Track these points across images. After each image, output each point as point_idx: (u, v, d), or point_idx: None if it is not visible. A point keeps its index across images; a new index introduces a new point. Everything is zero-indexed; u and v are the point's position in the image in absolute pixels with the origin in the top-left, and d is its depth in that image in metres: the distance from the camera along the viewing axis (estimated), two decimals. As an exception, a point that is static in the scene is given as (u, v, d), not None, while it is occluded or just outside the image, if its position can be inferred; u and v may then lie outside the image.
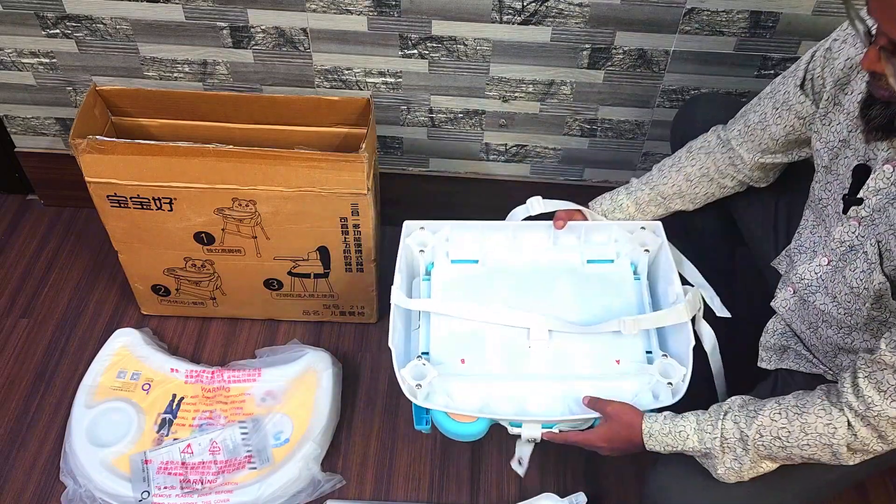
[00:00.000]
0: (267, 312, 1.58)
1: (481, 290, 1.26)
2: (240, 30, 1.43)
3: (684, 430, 1.02)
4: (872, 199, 0.93)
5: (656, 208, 1.27)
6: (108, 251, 1.48)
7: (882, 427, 0.90)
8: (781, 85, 1.10)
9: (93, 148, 1.27)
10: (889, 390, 0.88)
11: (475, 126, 1.57)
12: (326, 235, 1.39)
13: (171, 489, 1.32)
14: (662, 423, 1.04)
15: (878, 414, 0.89)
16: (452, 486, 1.38)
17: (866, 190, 0.94)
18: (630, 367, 1.17)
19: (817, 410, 0.93)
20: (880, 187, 0.92)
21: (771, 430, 0.95)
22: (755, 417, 0.97)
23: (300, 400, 1.41)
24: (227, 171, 1.29)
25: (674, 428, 1.03)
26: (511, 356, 1.19)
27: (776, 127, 1.11)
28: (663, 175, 1.24)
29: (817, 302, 1.04)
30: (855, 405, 0.91)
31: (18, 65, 1.52)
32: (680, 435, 1.02)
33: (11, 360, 1.53)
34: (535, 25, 1.38)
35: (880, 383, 0.88)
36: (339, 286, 1.51)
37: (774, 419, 0.96)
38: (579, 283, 1.27)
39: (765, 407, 0.97)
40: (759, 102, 1.14)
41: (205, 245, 1.41)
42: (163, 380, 1.45)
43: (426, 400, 1.13)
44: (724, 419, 0.99)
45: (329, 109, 1.40)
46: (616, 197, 1.28)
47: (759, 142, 1.14)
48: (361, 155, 1.27)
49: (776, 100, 1.10)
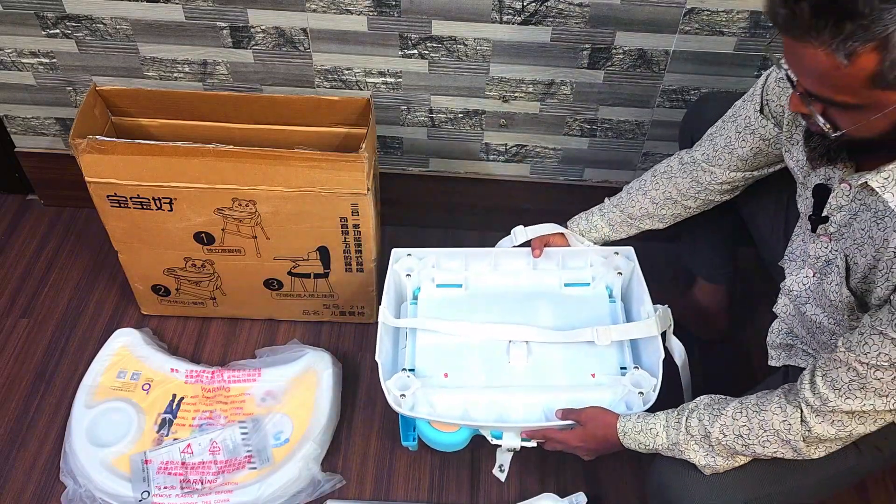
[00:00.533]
0: (267, 312, 1.58)
1: (465, 312, 1.34)
2: (240, 30, 1.43)
3: (654, 427, 1.07)
4: (837, 216, 0.97)
5: (628, 228, 1.32)
6: (108, 251, 1.48)
7: (838, 419, 0.93)
8: (742, 109, 1.14)
9: (93, 148, 1.27)
10: (843, 388, 0.91)
11: (475, 126, 1.57)
12: (326, 235, 1.39)
13: (171, 489, 1.31)
14: (635, 422, 1.10)
15: (833, 409, 0.92)
16: (452, 486, 1.38)
17: (829, 208, 0.97)
18: (604, 379, 1.24)
19: (774, 408, 0.97)
20: (841, 204, 0.95)
21: (733, 429, 0.99)
22: (718, 416, 1.01)
23: (300, 400, 1.41)
24: (227, 171, 1.29)
25: (645, 426, 1.08)
26: (492, 370, 1.27)
27: (742, 150, 1.15)
28: (631, 198, 1.29)
29: (808, 312, 1.07)
30: (811, 401, 0.94)
31: (18, 65, 1.52)
32: (651, 432, 1.07)
33: (11, 360, 1.53)
34: (535, 25, 1.38)
35: (835, 381, 0.92)
36: (339, 286, 1.51)
37: (736, 417, 1.00)
38: (557, 304, 1.35)
39: (728, 405, 1.02)
40: (724, 126, 1.18)
41: (205, 245, 1.41)
42: (163, 380, 1.45)
43: (410, 410, 1.20)
44: (689, 417, 1.04)
45: (329, 109, 1.40)
46: (591, 218, 1.34)
47: (727, 163, 1.18)
48: (361, 155, 1.27)
49: (738, 124, 1.14)
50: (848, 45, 0.72)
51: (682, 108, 1.50)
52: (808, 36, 0.74)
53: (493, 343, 1.29)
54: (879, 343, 0.87)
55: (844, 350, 0.90)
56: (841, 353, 0.91)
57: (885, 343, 0.86)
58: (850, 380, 0.90)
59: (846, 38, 0.72)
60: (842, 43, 0.72)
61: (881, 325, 0.86)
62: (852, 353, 0.89)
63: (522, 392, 1.23)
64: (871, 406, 0.90)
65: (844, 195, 0.95)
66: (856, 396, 0.90)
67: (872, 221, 0.90)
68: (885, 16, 0.70)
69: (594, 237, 1.34)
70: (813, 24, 0.73)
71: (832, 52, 0.73)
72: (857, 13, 0.70)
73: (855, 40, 0.71)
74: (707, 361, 1.55)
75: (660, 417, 1.08)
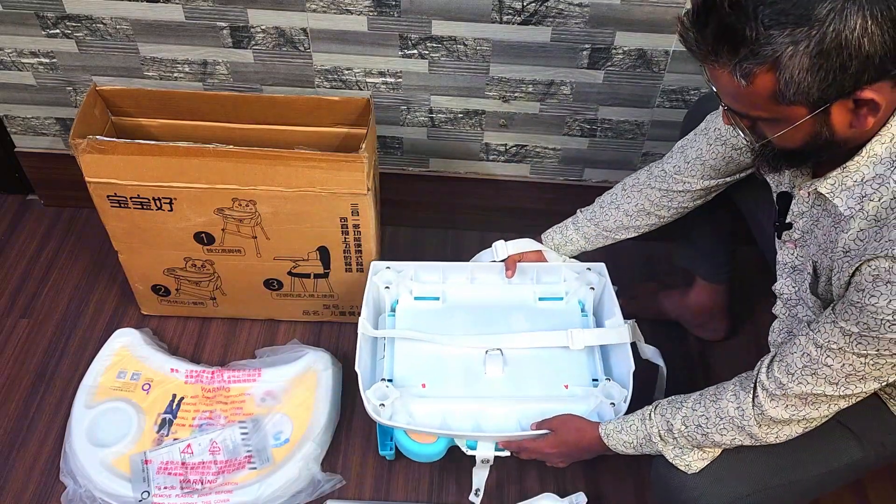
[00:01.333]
0: (267, 312, 1.58)
1: (442, 323, 1.37)
2: (240, 30, 1.43)
3: (633, 423, 1.11)
4: (799, 222, 0.99)
5: (603, 240, 1.34)
6: (108, 251, 1.48)
7: (791, 403, 0.95)
8: (712, 122, 1.17)
9: (93, 148, 1.27)
10: (796, 372, 0.93)
11: (475, 126, 1.57)
12: (326, 235, 1.39)
13: (171, 489, 1.32)
14: (616, 423, 1.14)
15: (786, 393, 0.94)
16: (452, 486, 1.38)
17: (792, 215, 1.00)
18: (577, 390, 1.28)
19: (729, 396, 1.00)
20: (802, 211, 0.98)
21: (692, 419, 1.03)
22: (679, 409, 1.05)
23: (300, 400, 1.41)
24: (227, 171, 1.29)
25: (624, 424, 1.12)
26: (469, 380, 1.30)
27: (714, 160, 1.18)
28: (604, 211, 1.32)
29: (800, 314, 1.07)
30: (766, 384, 0.96)
31: (18, 65, 1.52)
32: (630, 428, 1.11)
33: (11, 360, 1.53)
34: (535, 25, 1.38)
35: (789, 366, 0.94)
36: (339, 286, 1.50)
37: (695, 408, 1.03)
38: (532, 317, 1.38)
39: (689, 398, 1.06)
40: (696, 138, 1.20)
41: (205, 245, 1.41)
42: (163, 380, 1.45)
43: (389, 419, 1.22)
44: (654, 411, 1.08)
45: (329, 109, 1.40)
46: (565, 231, 1.36)
47: (700, 173, 1.21)
48: (361, 155, 1.27)
49: (709, 136, 1.17)
50: (743, 66, 0.78)
51: (682, 108, 1.50)
52: (710, 59, 0.80)
53: (469, 354, 1.32)
54: (830, 331, 0.89)
55: (803, 336, 0.93)
56: (800, 339, 0.94)
57: (834, 331, 0.89)
58: (803, 365, 0.92)
59: (741, 61, 0.78)
60: (738, 65, 0.78)
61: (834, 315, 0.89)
62: (809, 336, 0.92)
63: (498, 402, 1.26)
64: (822, 391, 0.92)
65: (805, 202, 0.97)
66: (807, 382, 0.92)
67: (832, 226, 0.92)
68: (772, 40, 0.75)
69: (569, 250, 1.37)
70: (714, 48, 0.79)
71: (731, 73, 0.79)
72: (746, 38, 0.76)
73: (749, 63, 0.77)
74: (707, 361, 1.55)
75: (637, 414, 1.12)
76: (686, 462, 1.04)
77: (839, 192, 0.88)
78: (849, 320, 0.86)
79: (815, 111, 0.80)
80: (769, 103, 0.81)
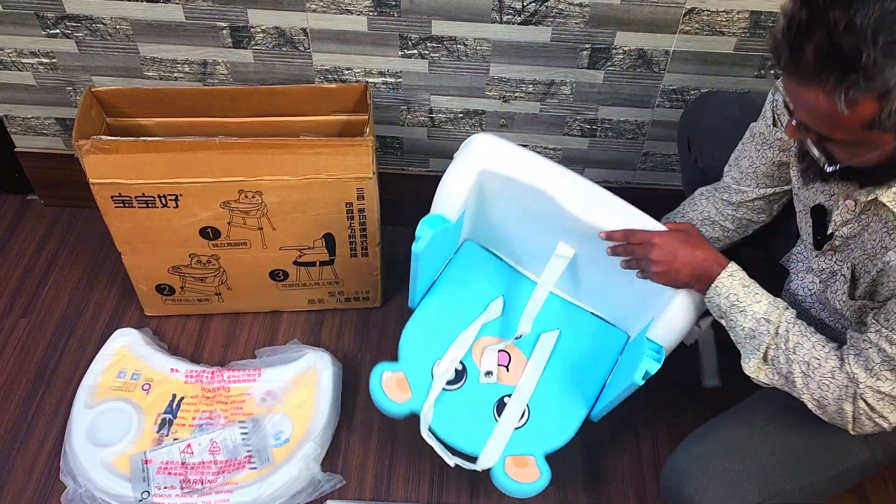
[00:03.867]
0: (272, 304, 1.58)
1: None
2: (240, 30, 1.43)
3: (759, 294, 1.01)
4: (844, 230, 0.97)
5: None
6: (108, 251, 1.48)
7: (869, 399, 0.92)
8: (756, 127, 1.14)
9: (97, 148, 1.27)
10: (874, 368, 0.91)
11: (475, 126, 1.57)
12: (332, 222, 1.40)
13: (171, 489, 1.31)
14: (744, 277, 1.03)
15: (865, 389, 0.92)
16: (452, 486, 1.38)
17: (835, 225, 0.98)
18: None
19: (846, 368, 0.94)
20: (847, 219, 0.96)
21: (805, 354, 0.96)
22: (804, 334, 0.98)
23: (300, 400, 1.41)
24: (232, 163, 1.29)
25: (753, 285, 1.02)
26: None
27: (765, 166, 1.14)
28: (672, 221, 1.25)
29: (812, 311, 1.07)
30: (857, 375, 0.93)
31: (18, 65, 1.52)
32: (755, 296, 1.01)
33: (11, 360, 1.53)
34: (535, 25, 1.38)
35: (868, 361, 0.92)
36: (344, 272, 1.51)
37: (816, 348, 0.97)
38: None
39: (816, 334, 0.98)
40: (744, 147, 1.17)
41: (210, 240, 1.41)
42: (163, 380, 1.45)
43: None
44: (785, 312, 1.00)
45: (327, 98, 1.41)
46: None
47: (755, 182, 1.17)
48: (367, 139, 1.29)
49: (756, 141, 1.14)
50: (850, 93, 0.74)
51: (683, 108, 1.50)
52: (811, 81, 0.76)
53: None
54: None
55: (875, 332, 0.90)
56: (871, 335, 0.91)
57: None
58: (881, 360, 0.90)
59: (849, 88, 0.74)
60: (844, 91, 0.74)
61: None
62: (882, 333, 0.89)
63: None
64: None
65: (850, 210, 0.95)
66: (886, 378, 0.90)
67: (885, 232, 0.91)
68: (887, 70, 0.72)
69: None
70: (817, 69, 0.75)
71: (834, 98, 0.75)
72: (862, 65, 0.72)
73: (857, 90, 0.74)
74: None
75: (765, 293, 1.02)
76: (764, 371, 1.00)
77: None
78: None
79: None
80: (858, 129, 0.78)
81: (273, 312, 1.61)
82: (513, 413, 1.24)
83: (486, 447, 1.22)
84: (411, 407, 1.23)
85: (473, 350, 1.30)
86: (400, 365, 1.26)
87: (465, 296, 1.35)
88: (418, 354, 1.28)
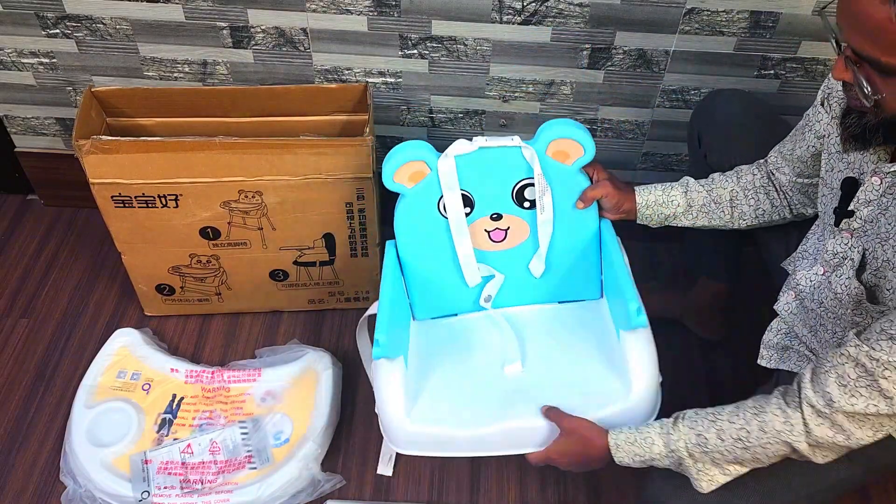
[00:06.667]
0: (272, 304, 1.58)
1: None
2: (240, 30, 1.43)
3: (650, 436, 1.02)
4: (864, 211, 0.95)
5: (708, 215, 1.22)
6: (108, 251, 1.48)
7: (839, 422, 0.90)
8: (808, 111, 1.11)
9: (97, 148, 1.27)
10: (850, 384, 0.88)
11: (475, 126, 1.57)
12: (332, 222, 1.40)
13: (171, 489, 1.31)
14: (628, 433, 1.05)
15: (836, 410, 0.89)
16: (452, 486, 1.38)
17: (857, 202, 0.95)
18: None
19: (774, 410, 0.94)
20: (870, 199, 0.94)
21: (730, 433, 0.96)
22: (714, 421, 0.98)
23: (300, 400, 1.41)
24: (233, 163, 1.29)
25: (639, 436, 1.03)
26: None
27: (801, 150, 1.12)
28: (724, 179, 1.21)
29: (813, 307, 1.06)
30: (813, 400, 0.91)
31: (18, 65, 1.52)
32: (646, 441, 1.02)
33: (11, 360, 1.53)
34: (535, 25, 1.38)
35: (842, 377, 0.89)
36: (344, 272, 1.51)
37: (733, 420, 0.97)
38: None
39: (724, 410, 0.99)
40: (793, 132, 1.14)
41: (210, 240, 1.41)
42: (163, 380, 1.45)
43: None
44: (680, 423, 1.00)
45: (327, 97, 1.41)
46: (669, 192, 1.23)
47: (793, 166, 1.15)
48: (367, 139, 1.29)
49: (802, 123, 1.12)
50: None
51: (683, 108, 1.50)
52: None
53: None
54: (889, 346, 0.85)
55: (854, 346, 0.88)
56: (850, 349, 0.88)
57: (893, 346, 0.85)
58: (857, 376, 0.88)
59: None
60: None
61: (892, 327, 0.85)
62: (862, 348, 0.87)
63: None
64: (875, 408, 0.88)
65: (875, 189, 0.93)
66: (861, 395, 0.87)
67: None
68: None
69: (658, 214, 1.23)
70: None
71: (888, 4, 0.73)
72: None
73: None
74: (708, 361, 1.55)
75: (654, 426, 1.03)
76: (710, 477, 0.99)
77: None
78: None
79: None
80: None
81: (273, 312, 1.61)
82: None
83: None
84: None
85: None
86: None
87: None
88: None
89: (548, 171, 1.19)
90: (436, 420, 1.16)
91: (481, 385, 1.22)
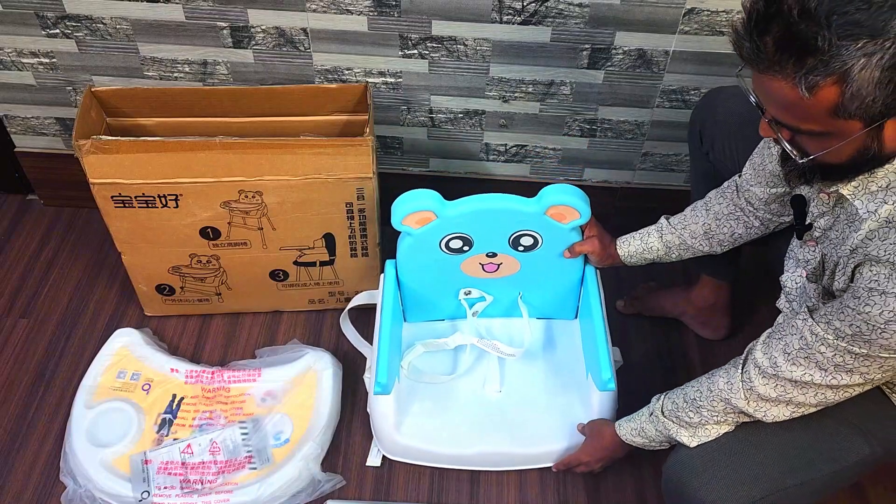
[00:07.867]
0: (272, 304, 1.58)
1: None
2: (240, 30, 1.43)
3: (643, 414, 1.18)
4: (820, 221, 1.00)
5: (684, 251, 1.30)
6: (108, 251, 1.48)
7: (782, 383, 0.99)
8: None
9: (97, 148, 1.27)
10: (792, 353, 0.97)
11: (475, 126, 1.57)
12: (332, 222, 1.40)
13: (171, 489, 1.32)
14: (627, 421, 1.21)
15: (780, 373, 0.98)
16: (452, 486, 1.38)
17: (811, 216, 1.01)
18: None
19: (721, 373, 1.06)
20: (823, 211, 0.98)
21: (690, 395, 1.09)
22: (682, 389, 1.12)
23: (300, 400, 1.41)
24: (233, 163, 1.29)
25: (637, 416, 1.19)
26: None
27: (771, 164, 1.15)
28: (694, 215, 1.27)
29: (795, 304, 1.08)
30: (760, 360, 1.00)
31: (18, 65, 1.52)
32: (640, 416, 1.18)
33: (11, 360, 1.53)
34: (535, 25, 1.38)
35: (787, 346, 0.98)
36: (345, 272, 1.51)
37: (693, 386, 1.10)
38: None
39: (690, 382, 1.12)
40: (761, 146, 1.17)
41: (210, 240, 1.41)
42: (163, 380, 1.45)
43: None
44: (661, 399, 1.15)
45: (327, 98, 1.41)
46: (647, 239, 1.31)
47: (766, 180, 1.17)
48: (367, 139, 1.29)
49: (768, 140, 1.14)
50: (809, 78, 0.75)
51: (682, 108, 1.50)
52: (771, 69, 0.78)
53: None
54: (825, 328, 0.93)
55: (802, 319, 0.96)
56: (798, 321, 0.97)
57: (829, 329, 0.92)
58: (799, 347, 0.96)
59: (808, 73, 0.75)
60: (804, 77, 0.75)
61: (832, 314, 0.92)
62: (807, 322, 0.95)
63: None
64: (811, 378, 0.96)
65: (825, 203, 0.98)
66: (800, 364, 0.96)
67: (847, 225, 0.93)
68: (843, 52, 0.73)
69: (642, 259, 1.33)
70: (776, 58, 0.76)
71: (795, 84, 0.77)
72: (817, 49, 0.73)
73: (816, 74, 0.75)
74: (708, 360, 1.55)
75: (642, 410, 1.19)
76: (700, 438, 1.08)
77: (861, 195, 0.88)
78: (844, 321, 0.89)
79: (871, 126, 0.79)
80: (825, 117, 0.79)
81: (273, 312, 1.61)
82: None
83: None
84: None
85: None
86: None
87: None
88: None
89: (544, 227, 1.32)
90: (422, 437, 1.35)
91: (463, 405, 1.40)
